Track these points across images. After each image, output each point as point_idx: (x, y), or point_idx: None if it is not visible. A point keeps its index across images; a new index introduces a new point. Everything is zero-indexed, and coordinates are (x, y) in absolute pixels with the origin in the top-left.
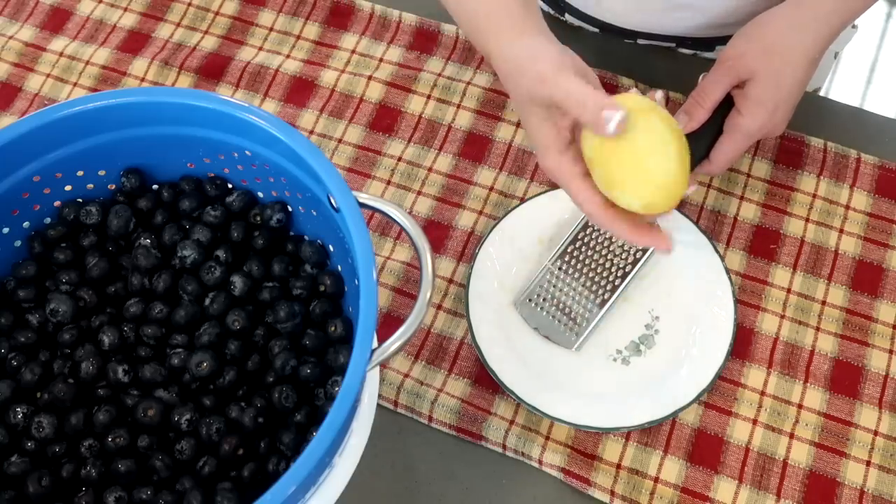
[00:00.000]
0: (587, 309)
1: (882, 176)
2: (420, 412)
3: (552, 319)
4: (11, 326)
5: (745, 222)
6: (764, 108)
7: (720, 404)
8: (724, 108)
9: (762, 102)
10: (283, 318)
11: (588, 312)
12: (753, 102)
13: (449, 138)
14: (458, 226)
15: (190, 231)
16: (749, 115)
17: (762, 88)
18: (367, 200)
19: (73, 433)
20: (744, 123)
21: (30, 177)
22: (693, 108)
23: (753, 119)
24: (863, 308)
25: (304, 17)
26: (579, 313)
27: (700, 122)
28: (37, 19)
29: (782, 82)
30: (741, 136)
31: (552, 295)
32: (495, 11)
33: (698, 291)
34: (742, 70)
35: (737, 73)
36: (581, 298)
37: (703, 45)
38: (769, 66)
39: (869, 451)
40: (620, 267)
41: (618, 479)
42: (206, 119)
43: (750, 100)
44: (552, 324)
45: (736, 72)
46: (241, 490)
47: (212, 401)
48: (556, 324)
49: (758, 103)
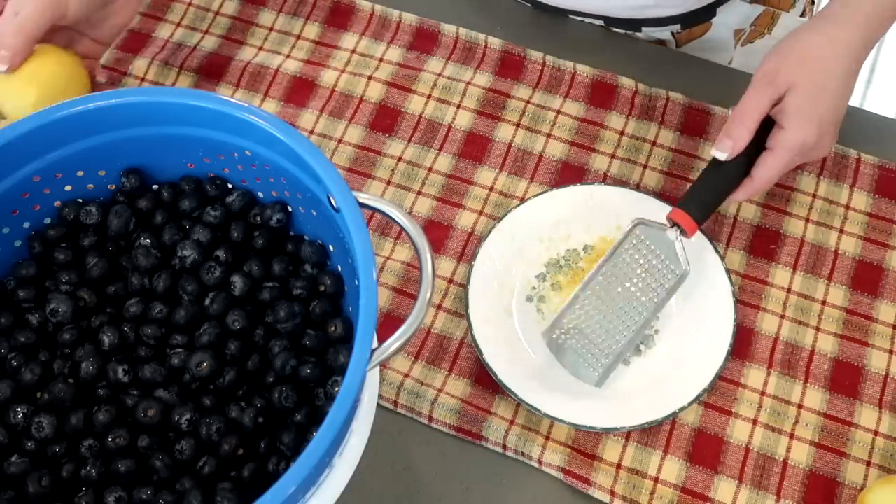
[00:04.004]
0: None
1: (882, 176)
2: (420, 412)
3: (576, 354)
4: (11, 326)
5: (745, 222)
6: (805, 119)
7: (720, 404)
8: (764, 131)
9: (802, 114)
10: (283, 318)
11: (610, 348)
12: (794, 114)
13: (449, 138)
14: (458, 226)
15: (190, 231)
16: (790, 127)
17: (801, 99)
18: (367, 200)
19: (73, 433)
20: (786, 137)
21: (30, 177)
22: (736, 128)
23: (795, 132)
24: (863, 308)
25: (304, 17)
26: (601, 349)
27: (745, 142)
28: None
29: (821, 92)
30: (783, 150)
31: (578, 328)
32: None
33: (698, 291)
34: (780, 83)
35: (775, 87)
36: (605, 332)
37: (630, 25)
38: (806, 76)
39: (869, 451)
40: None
41: (618, 479)
42: (206, 119)
43: (790, 113)
44: (576, 359)
45: (774, 86)
46: (241, 490)
47: (212, 401)
48: (579, 359)
49: (798, 115)
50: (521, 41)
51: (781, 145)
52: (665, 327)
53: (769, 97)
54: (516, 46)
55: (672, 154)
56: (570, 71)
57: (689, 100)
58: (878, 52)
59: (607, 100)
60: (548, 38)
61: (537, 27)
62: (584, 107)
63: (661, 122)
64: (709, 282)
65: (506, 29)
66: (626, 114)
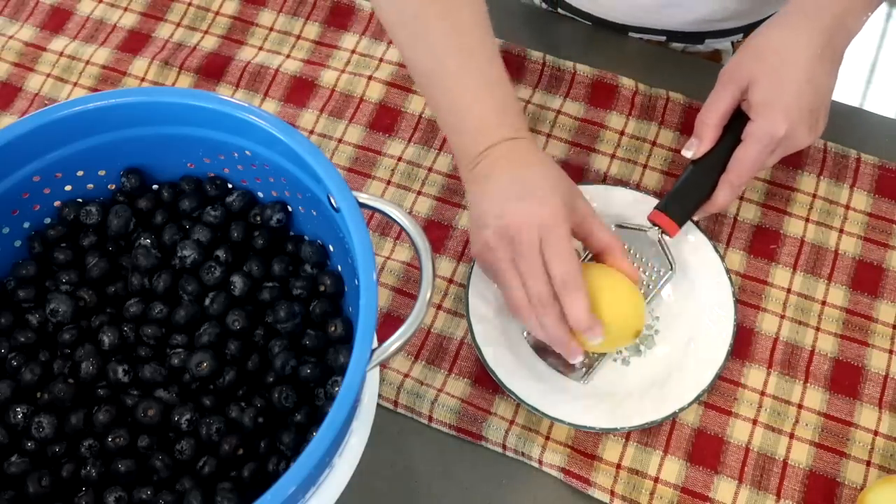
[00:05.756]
0: None
1: (882, 176)
2: (420, 412)
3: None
4: (11, 326)
5: (745, 222)
6: (769, 109)
7: (720, 404)
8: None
9: (767, 103)
10: (283, 318)
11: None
12: (759, 105)
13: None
14: (458, 226)
15: (190, 231)
16: (756, 118)
17: (762, 90)
18: (367, 200)
19: (73, 433)
20: (753, 128)
21: (30, 177)
22: (699, 126)
23: (761, 122)
24: (863, 308)
25: (304, 17)
26: None
27: (711, 140)
28: (37, 19)
29: (783, 80)
30: (753, 140)
31: None
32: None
33: (698, 291)
34: (740, 78)
35: (736, 83)
36: None
37: (693, 39)
38: (764, 65)
39: (869, 451)
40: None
41: (618, 479)
42: (206, 119)
43: (753, 104)
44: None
45: (735, 82)
46: (241, 490)
47: (212, 401)
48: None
49: (762, 106)
50: (520, 41)
51: (750, 136)
52: (665, 327)
53: (731, 93)
54: (516, 46)
55: (672, 154)
56: (570, 71)
57: (689, 100)
58: (878, 52)
59: (607, 100)
60: (548, 38)
61: (537, 27)
62: (585, 107)
63: (661, 122)
64: (709, 282)
65: (506, 29)
66: (626, 114)
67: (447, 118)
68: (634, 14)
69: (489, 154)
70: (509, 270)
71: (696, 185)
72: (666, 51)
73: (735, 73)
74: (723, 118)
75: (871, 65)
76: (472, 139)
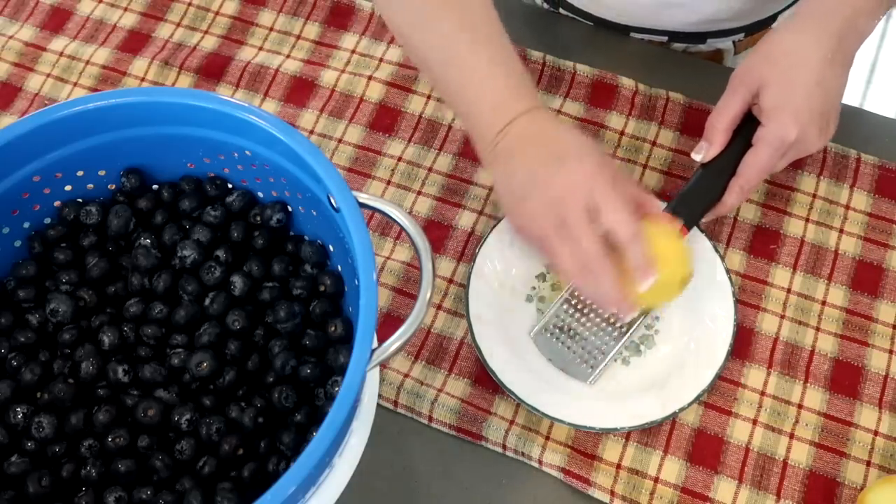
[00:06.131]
0: (604, 342)
1: (882, 176)
2: (420, 412)
3: (568, 351)
4: (11, 326)
5: (745, 222)
6: (779, 113)
7: (720, 404)
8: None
9: (778, 107)
10: (283, 318)
11: (605, 345)
12: (768, 109)
13: (449, 138)
14: (458, 226)
15: (190, 231)
16: (766, 122)
17: (773, 93)
18: (367, 200)
19: (73, 433)
20: (764, 132)
21: (30, 177)
22: (709, 130)
23: (772, 126)
24: (863, 308)
25: (304, 17)
26: (596, 346)
27: (721, 144)
28: (37, 19)
29: (792, 85)
30: (763, 144)
31: (569, 326)
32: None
33: (698, 292)
34: (750, 82)
35: (746, 86)
36: (598, 331)
37: (695, 39)
38: (774, 69)
39: (869, 451)
40: None
41: (618, 479)
42: (206, 119)
43: (764, 108)
44: (568, 356)
45: (745, 85)
46: (241, 490)
47: (212, 401)
48: (571, 356)
49: (773, 109)
50: (521, 41)
51: (761, 140)
52: (665, 327)
53: (741, 97)
54: (516, 46)
55: (672, 154)
56: (570, 71)
57: (689, 100)
58: (878, 52)
59: (607, 100)
60: (548, 38)
61: (538, 27)
62: (585, 107)
63: (661, 122)
64: (709, 282)
65: (506, 29)
66: (626, 114)
67: (461, 98)
68: (636, 14)
69: (510, 130)
70: (557, 236)
71: (705, 188)
72: (666, 51)
73: (746, 76)
74: (733, 122)
75: (871, 65)
76: (489, 117)
